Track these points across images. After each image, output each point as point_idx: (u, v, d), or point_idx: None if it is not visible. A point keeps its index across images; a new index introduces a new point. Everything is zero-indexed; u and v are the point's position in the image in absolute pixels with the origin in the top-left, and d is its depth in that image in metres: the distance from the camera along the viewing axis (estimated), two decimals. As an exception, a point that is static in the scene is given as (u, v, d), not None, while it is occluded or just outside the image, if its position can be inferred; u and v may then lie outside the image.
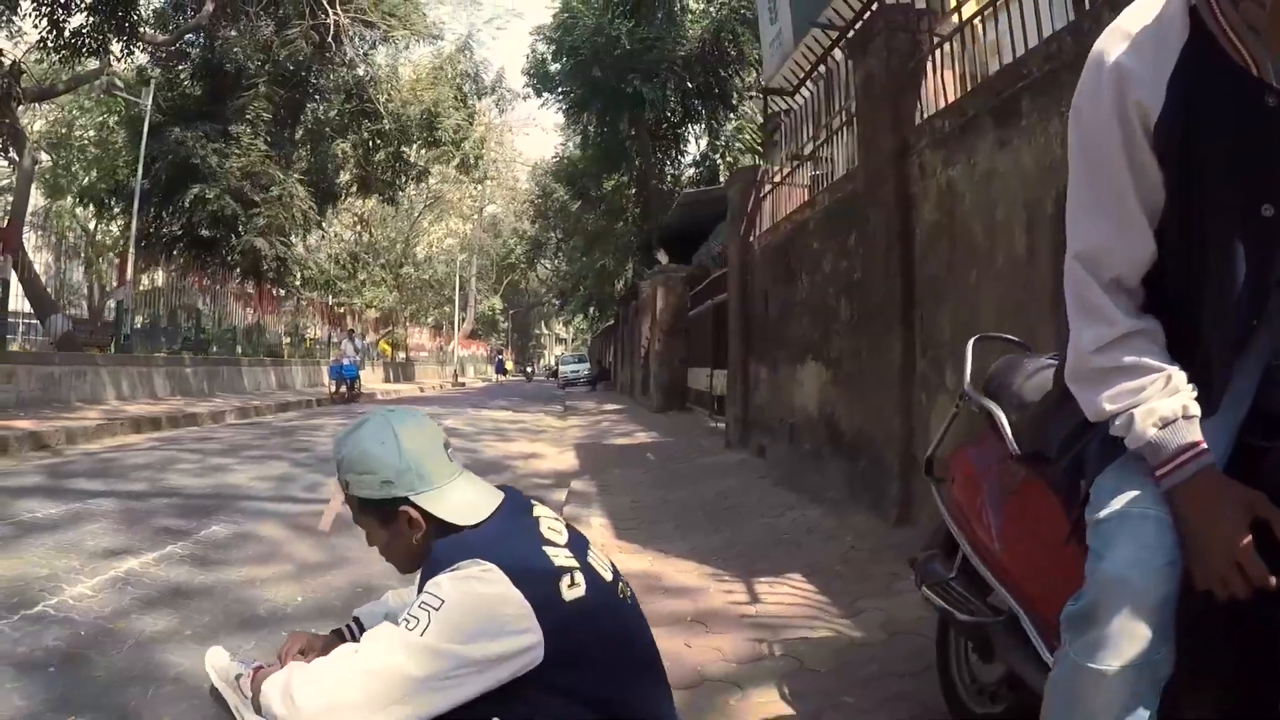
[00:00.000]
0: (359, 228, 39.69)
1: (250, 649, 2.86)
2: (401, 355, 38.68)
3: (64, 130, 27.88)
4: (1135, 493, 1.17)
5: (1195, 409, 1.16)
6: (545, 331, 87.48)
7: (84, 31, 13.75)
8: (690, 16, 21.30)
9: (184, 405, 12.69)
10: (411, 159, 26.78)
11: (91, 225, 29.14)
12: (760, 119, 19.33)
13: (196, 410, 11.96)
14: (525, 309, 72.20)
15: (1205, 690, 1.21)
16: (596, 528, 4.87)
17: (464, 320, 51.08)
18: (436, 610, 1.41)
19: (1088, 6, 3.36)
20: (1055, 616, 1.36)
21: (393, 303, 40.66)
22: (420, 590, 1.51)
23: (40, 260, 15.71)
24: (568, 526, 1.66)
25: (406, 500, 1.58)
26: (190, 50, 21.08)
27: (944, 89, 4.44)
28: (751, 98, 20.59)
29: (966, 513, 1.79)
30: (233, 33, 20.45)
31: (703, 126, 23.38)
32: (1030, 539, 1.58)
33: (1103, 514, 1.19)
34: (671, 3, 20.95)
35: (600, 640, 1.53)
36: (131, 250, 17.79)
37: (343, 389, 18.90)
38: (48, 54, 12.89)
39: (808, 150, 6.91)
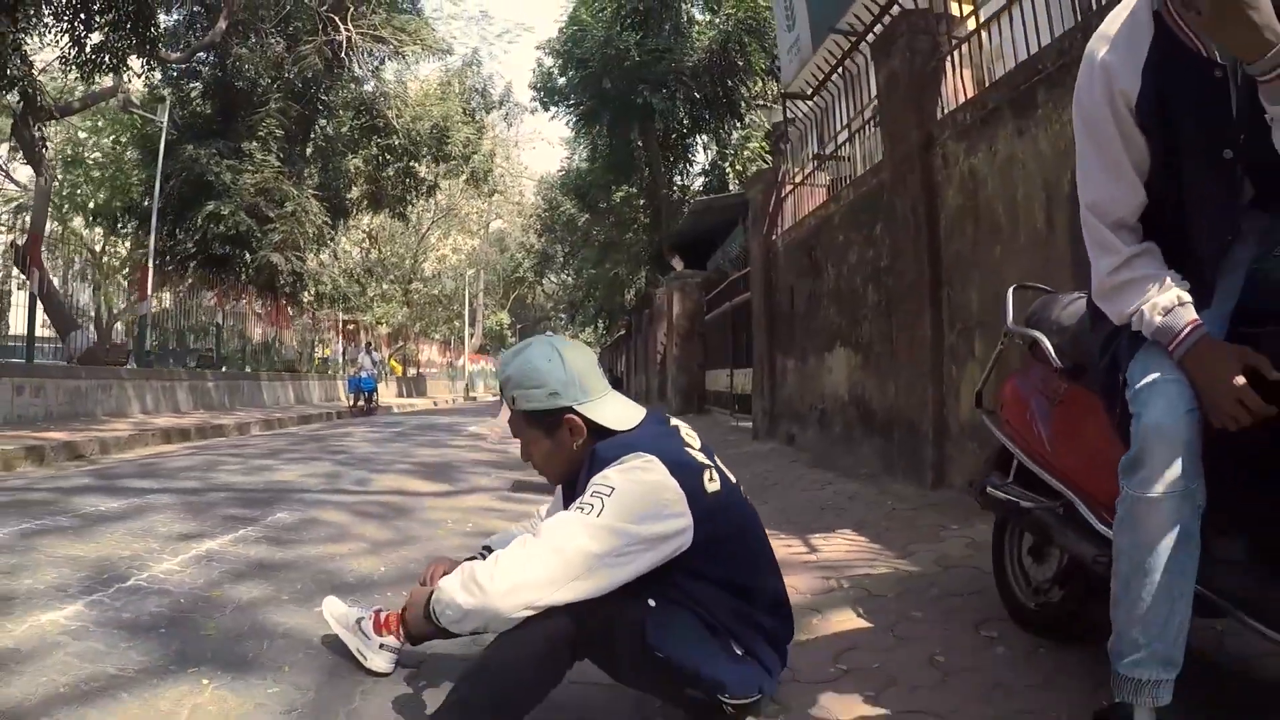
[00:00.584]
0: (367, 244, 40.08)
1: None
2: (412, 370, 38.94)
3: (72, 150, 28.08)
4: (1158, 369, 1.54)
5: (1188, 298, 1.54)
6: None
7: (105, 47, 14.02)
8: (697, 28, 21.60)
9: (209, 418, 12.83)
10: (421, 173, 27.12)
11: (99, 247, 29.43)
12: (768, 126, 19.69)
13: (223, 422, 12.07)
14: (532, 323, 72.60)
15: (1221, 526, 1.54)
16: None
17: (472, 335, 51.40)
18: (609, 496, 1.66)
19: (1095, 7, 3.68)
20: (1105, 495, 1.66)
21: (403, 318, 41.03)
22: (582, 488, 1.76)
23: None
24: (699, 435, 1.93)
25: (570, 410, 1.84)
26: (201, 68, 21.37)
27: (963, 86, 4.76)
28: (760, 106, 20.91)
29: (1018, 429, 2.11)
30: (243, 50, 20.75)
31: (711, 136, 23.66)
32: (1077, 436, 1.90)
33: (1137, 386, 1.55)
34: (679, 15, 21.21)
35: (733, 532, 1.81)
36: (151, 264, 18.12)
37: (361, 402, 19.06)
38: (67, 71, 13.10)
39: (830, 149, 7.24)
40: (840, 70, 7.19)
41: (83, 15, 13.26)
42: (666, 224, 22.56)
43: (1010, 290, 2.39)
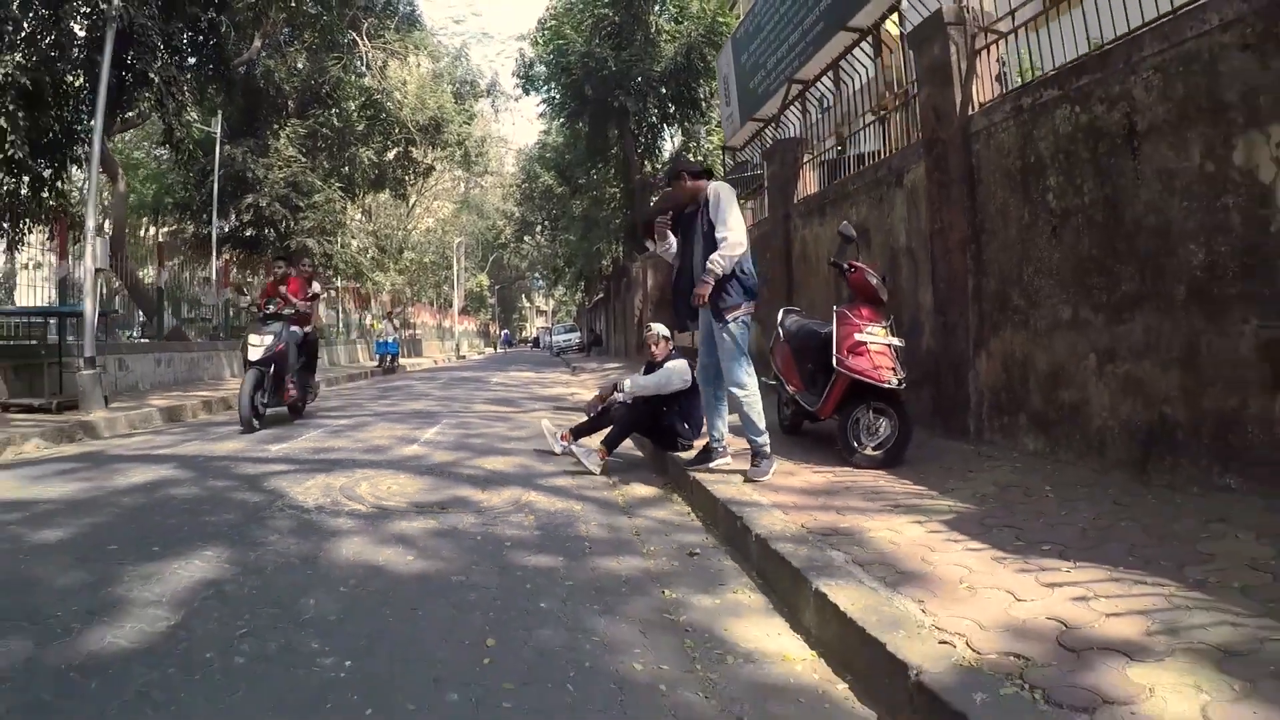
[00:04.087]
0: (363, 218, 43.41)
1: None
2: (409, 332, 42.49)
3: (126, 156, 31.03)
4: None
5: None
6: (527, 304, 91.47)
7: (187, 81, 17.40)
8: (665, 36, 25.01)
9: None
10: (419, 158, 30.54)
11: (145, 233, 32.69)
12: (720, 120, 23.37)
13: None
14: (509, 284, 75.86)
15: (808, 386, 5.67)
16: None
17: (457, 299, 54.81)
18: (673, 368, 5.78)
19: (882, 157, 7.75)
20: (789, 386, 5.83)
21: (400, 284, 44.59)
22: (659, 365, 5.90)
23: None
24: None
25: (670, 338, 6.01)
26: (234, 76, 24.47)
27: (808, 185, 8.87)
28: (717, 104, 24.64)
29: (780, 365, 6.24)
30: (270, 61, 23.98)
31: (677, 126, 27.30)
32: (785, 363, 6.03)
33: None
34: (649, 27, 24.66)
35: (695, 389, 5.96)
36: (214, 254, 21.68)
37: (385, 362, 22.74)
38: (156, 105, 16.07)
39: (752, 189, 11.40)
40: (759, 138, 11.28)
41: (176, 57, 16.69)
42: (639, 203, 26.32)
43: (781, 310, 6.52)
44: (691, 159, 26.84)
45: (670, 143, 29.07)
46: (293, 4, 20.69)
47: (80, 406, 9.10)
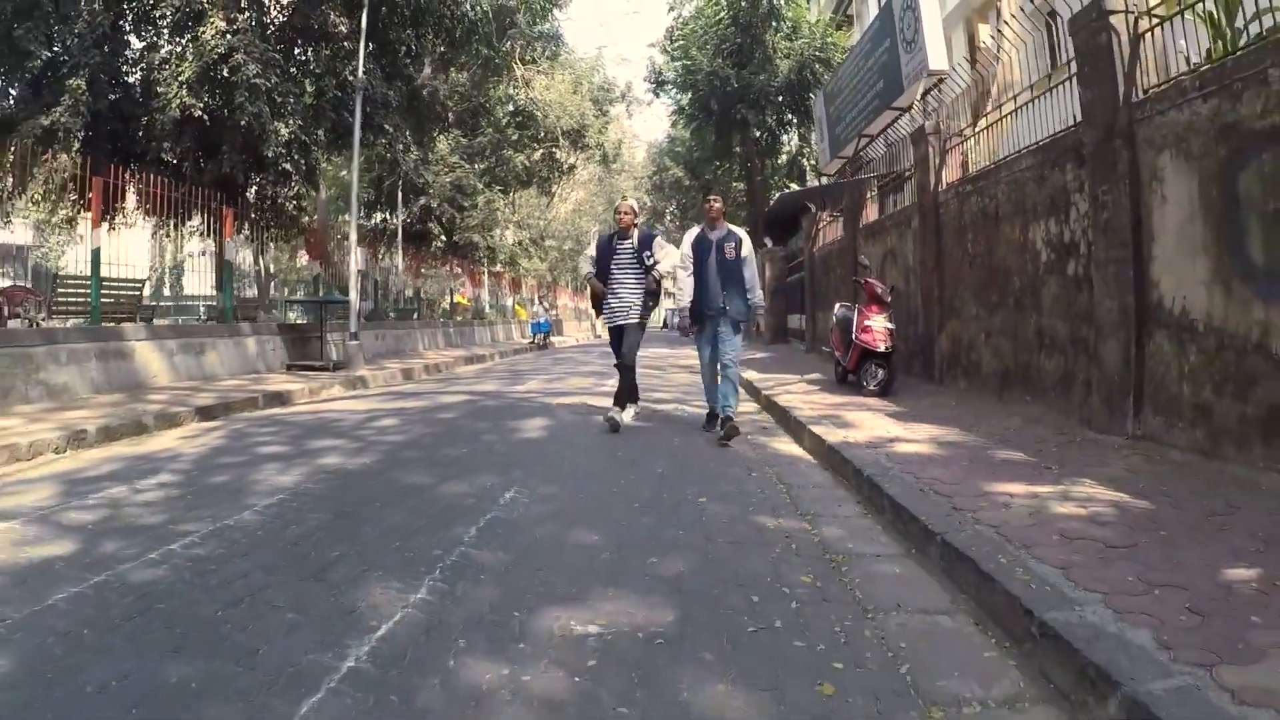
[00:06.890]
0: (507, 209, 48.51)
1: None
2: (553, 313, 47.34)
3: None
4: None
5: None
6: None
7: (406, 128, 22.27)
8: (779, 54, 28.49)
9: (465, 352, 20.72)
10: (561, 158, 34.98)
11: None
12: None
13: (480, 353, 20.07)
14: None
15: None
16: (754, 377, 13.27)
17: (591, 281, 59.26)
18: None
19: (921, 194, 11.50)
20: (836, 352, 9.79)
21: (542, 269, 49.62)
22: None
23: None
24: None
25: None
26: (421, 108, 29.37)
27: (869, 214, 12.63)
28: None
29: (833, 340, 10.13)
30: (435, 83, 28.52)
31: (793, 132, 30.83)
32: (835, 338, 9.92)
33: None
34: (767, 47, 28.26)
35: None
36: (400, 250, 26.62)
37: (538, 339, 27.12)
38: (389, 147, 20.85)
39: (837, 210, 15.15)
40: (845, 169, 15.03)
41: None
42: (759, 201, 30.00)
43: (836, 304, 10.39)
44: (806, 162, 30.55)
45: (789, 146, 32.60)
46: (473, 49, 25.33)
47: (348, 367, 13.64)
